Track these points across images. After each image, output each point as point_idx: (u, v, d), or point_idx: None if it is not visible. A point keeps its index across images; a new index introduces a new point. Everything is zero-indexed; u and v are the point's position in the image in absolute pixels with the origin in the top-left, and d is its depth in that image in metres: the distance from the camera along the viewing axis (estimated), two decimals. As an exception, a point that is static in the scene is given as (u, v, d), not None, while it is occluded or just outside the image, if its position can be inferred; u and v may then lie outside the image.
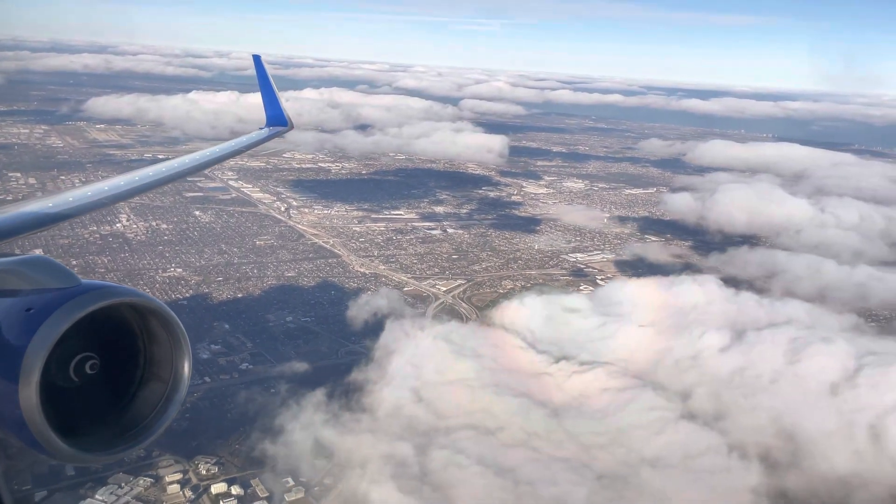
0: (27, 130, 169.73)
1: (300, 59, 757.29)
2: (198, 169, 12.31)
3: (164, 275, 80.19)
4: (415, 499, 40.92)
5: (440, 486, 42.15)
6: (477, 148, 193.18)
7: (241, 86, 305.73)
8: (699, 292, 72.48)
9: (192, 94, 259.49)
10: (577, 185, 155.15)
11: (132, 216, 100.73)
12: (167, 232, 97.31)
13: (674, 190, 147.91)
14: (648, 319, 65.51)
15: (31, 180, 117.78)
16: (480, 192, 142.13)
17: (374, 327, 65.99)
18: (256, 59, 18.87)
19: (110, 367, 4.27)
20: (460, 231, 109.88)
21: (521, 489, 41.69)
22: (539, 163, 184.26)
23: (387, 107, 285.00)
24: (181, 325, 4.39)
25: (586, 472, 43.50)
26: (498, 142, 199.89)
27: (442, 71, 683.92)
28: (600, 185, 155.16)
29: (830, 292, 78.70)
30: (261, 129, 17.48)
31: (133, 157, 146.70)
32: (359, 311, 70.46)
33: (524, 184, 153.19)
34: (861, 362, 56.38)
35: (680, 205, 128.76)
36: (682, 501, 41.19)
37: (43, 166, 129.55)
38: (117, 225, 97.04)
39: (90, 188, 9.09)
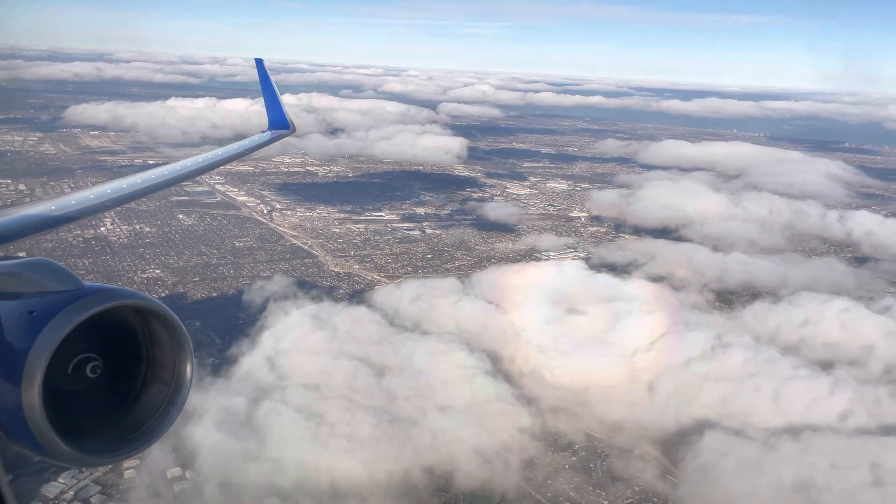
0: (21, 138, 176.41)
1: (294, 64, 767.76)
2: (200, 172, 12.35)
3: (142, 276, 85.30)
4: (230, 436, 50.08)
5: (257, 427, 51.27)
6: (434, 150, 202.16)
7: (229, 91, 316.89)
8: (561, 275, 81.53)
9: (171, 101, 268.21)
10: (561, 185, 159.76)
11: (116, 220, 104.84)
12: (149, 235, 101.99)
13: (615, 187, 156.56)
14: (500, 297, 74.60)
15: (21, 186, 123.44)
16: (464, 193, 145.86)
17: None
18: (259, 62, 19.14)
19: (113, 370, 4.31)
20: (439, 231, 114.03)
21: (321, 428, 50.76)
22: (526, 164, 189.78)
23: (362, 111, 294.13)
24: (184, 327, 4.46)
25: (384, 416, 52.53)
26: (456, 143, 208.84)
27: (435, 74, 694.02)
28: (583, 185, 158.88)
29: (692, 275, 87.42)
30: (263, 132, 17.87)
31: (123, 164, 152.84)
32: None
33: (508, 185, 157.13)
34: (668, 330, 65.32)
35: (604, 201, 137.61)
36: (452, 435, 50.11)
37: (34, 173, 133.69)
38: (101, 229, 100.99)
39: (93, 191, 9.18)
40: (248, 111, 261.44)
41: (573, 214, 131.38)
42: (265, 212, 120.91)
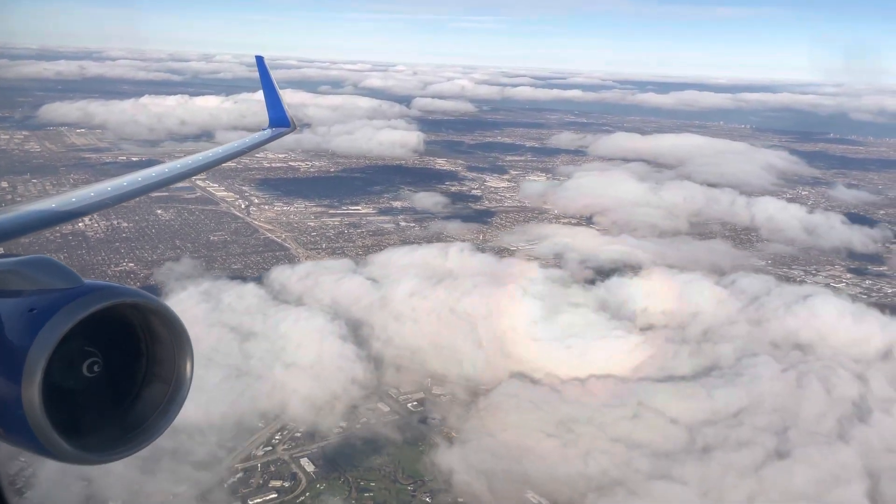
0: (7, 136, 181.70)
1: (283, 60, 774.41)
2: (201, 170, 12.53)
3: (115, 269, 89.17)
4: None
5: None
6: (390, 144, 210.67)
7: (210, 88, 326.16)
8: (445, 255, 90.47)
9: (143, 98, 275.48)
10: (540, 178, 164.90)
11: (95, 216, 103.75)
12: (126, 230, 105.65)
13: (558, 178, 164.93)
14: (382, 275, 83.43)
15: (4, 184, 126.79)
16: (443, 186, 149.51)
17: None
18: (259, 59, 19.44)
19: (113, 368, 4.37)
20: (413, 224, 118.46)
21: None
22: (508, 157, 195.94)
23: (334, 107, 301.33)
24: (184, 325, 4.55)
25: (232, 371, 61.40)
26: (413, 137, 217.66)
27: (422, 69, 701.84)
28: (561, 178, 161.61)
29: (573, 254, 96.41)
30: (263, 129, 18.18)
31: (107, 161, 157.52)
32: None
33: (487, 178, 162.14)
34: (514, 300, 74.17)
35: (531, 191, 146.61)
36: (290, 387, 59.02)
37: (18, 171, 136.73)
38: (79, 224, 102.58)
39: (93, 188, 9.33)
40: (219, 108, 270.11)
41: (546, 206, 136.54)
42: (243, 207, 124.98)
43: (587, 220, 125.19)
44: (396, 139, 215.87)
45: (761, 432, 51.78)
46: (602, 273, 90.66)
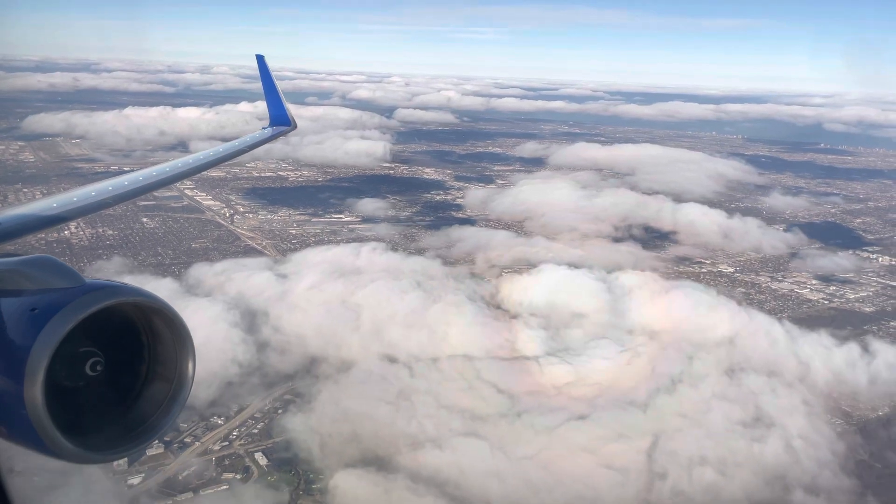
0: (3, 147, 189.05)
1: (279, 71, 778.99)
2: (201, 169, 12.91)
3: (95, 276, 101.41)
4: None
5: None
6: (357, 153, 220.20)
7: (202, 99, 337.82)
8: (357, 254, 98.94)
9: (127, 110, 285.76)
10: (525, 188, 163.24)
11: (81, 224, 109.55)
12: (111, 238, 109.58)
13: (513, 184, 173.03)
14: (294, 271, 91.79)
15: None
16: (428, 195, 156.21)
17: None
18: (259, 58, 19.78)
19: (115, 367, 4.47)
20: (392, 232, 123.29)
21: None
22: (496, 167, 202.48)
23: (314, 117, 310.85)
24: (186, 324, 4.76)
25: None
26: (380, 147, 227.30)
27: (416, 80, 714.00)
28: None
29: (481, 254, 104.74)
30: (264, 128, 18.38)
31: (100, 170, 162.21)
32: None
33: (473, 188, 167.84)
34: (401, 292, 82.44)
35: (474, 198, 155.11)
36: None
37: (9, 180, 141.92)
38: (65, 232, 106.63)
39: (93, 188, 9.50)
40: (199, 119, 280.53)
41: (486, 212, 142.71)
42: (228, 215, 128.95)
43: (518, 225, 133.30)
44: (363, 149, 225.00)
45: (573, 400, 59.70)
46: (500, 270, 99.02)
